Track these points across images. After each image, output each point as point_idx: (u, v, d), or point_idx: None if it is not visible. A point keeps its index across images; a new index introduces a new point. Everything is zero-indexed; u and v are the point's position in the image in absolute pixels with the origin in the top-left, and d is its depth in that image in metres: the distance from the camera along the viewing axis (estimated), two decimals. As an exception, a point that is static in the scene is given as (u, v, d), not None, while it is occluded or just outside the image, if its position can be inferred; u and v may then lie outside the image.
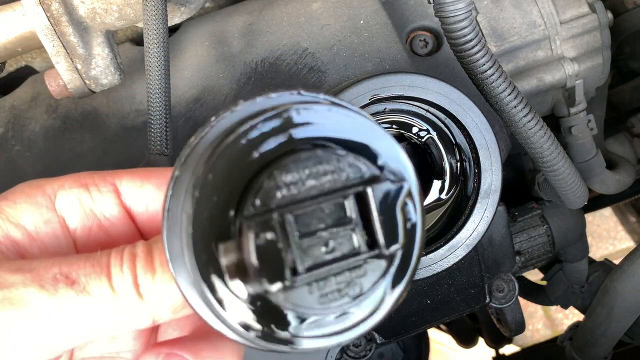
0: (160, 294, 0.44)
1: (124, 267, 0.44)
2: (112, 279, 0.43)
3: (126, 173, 0.51)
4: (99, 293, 0.43)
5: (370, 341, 0.89)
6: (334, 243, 0.35)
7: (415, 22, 0.92)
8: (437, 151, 0.86)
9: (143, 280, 0.43)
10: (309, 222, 0.35)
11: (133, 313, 0.44)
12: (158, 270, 0.44)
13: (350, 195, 0.36)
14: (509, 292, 0.92)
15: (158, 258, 0.44)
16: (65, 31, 0.73)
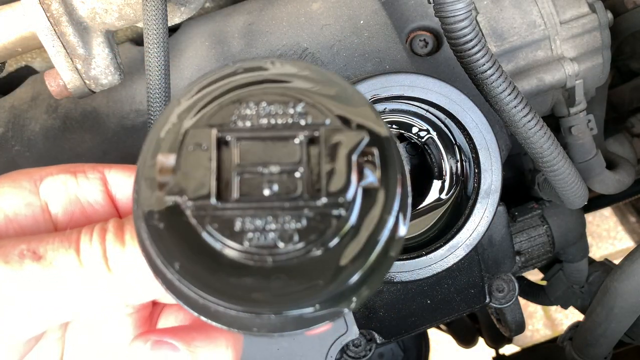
0: (131, 267, 0.42)
1: (92, 240, 0.42)
2: (80, 252, 0.42)
3: (118, 165, 0.51)
4: (65, 266, 0.42)
5: (370, 341, 0.89)
6: (275, 181, 0.33)
7: (415, 22, 0.92)
8: (437, 151, 0.86)
9: (112, 252, 0.42)
10: (254, 154, 0.33)
11: (102, 288, 0.42)
12: (128, 242, 0.42)
13: (301, 136, 0.33)
14: (509, 292, 0.92)
15: (130, 232, 0.42)
16: (65, 31, 0.73)
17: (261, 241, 0.32)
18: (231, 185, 0.33)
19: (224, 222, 0.32)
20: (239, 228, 0.32)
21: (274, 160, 0.33)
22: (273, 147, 0.33)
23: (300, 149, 0.33)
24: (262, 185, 0.33)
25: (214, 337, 0.47)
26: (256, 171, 0.33)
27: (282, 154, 0.33)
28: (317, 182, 0.33)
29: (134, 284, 0.43)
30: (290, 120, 0.34)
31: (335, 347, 0.83)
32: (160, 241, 0.33)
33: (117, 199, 0.50)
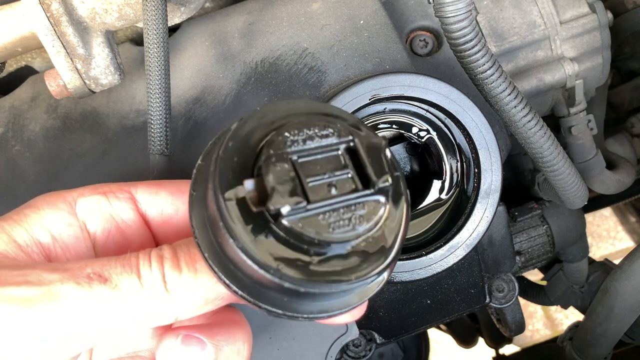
0: (186, 290, 0.48)
1: (152, 266, 0.48)
2: (141, 276, 0.47)
3: (141, 183, 0.56)
4: (130, 289, 0.47)
5: (370, 341, 0.89)
6: (335, 184, 0.42)
7: (415, 22, 0.92)
8: (437, 151, 0.86)
9: (170, 277, 0.48)
10: (313, 169, 0.42)
11: (160, 308, 0.48)
12: (184, 269, 0.48)
13: (341, 147, 0.43)
14: (509, 292, 0.92)
15: (183, 259, 0.48)
16: (65, 31, 0.73)
17: (343, 228, 0.41)
18: (308, 193, 0.41)
19: (312, 220, 0.41)
20: (324, 222, 0.41)
21: (330, 169, 0.42)
22: (322, 160, 0.43)
23: (344, 157, 0.43)
24: (328, 188, 0.42)
25: (234, 333, 0.54)
26: (321, 179, 0.42)
27: (333, 163, 0.43)
28: (364, 177, 0.43)
29: (188, 306, 0.49)
30: (325, 139, 0.43)
31: (335, 347, 0.83)
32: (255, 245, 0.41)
33: (148, 215, 0.56)
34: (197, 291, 0.48)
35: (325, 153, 0.43)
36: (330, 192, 0.41)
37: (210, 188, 0.42)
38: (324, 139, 0.43)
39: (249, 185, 0.41)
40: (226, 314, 0.57)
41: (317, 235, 0.41)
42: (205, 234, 0.44)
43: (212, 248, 0.44)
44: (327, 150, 0.43)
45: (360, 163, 0.43)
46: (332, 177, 0.42)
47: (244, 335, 0.55)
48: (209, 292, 0.49)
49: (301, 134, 0.43)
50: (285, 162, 0.41)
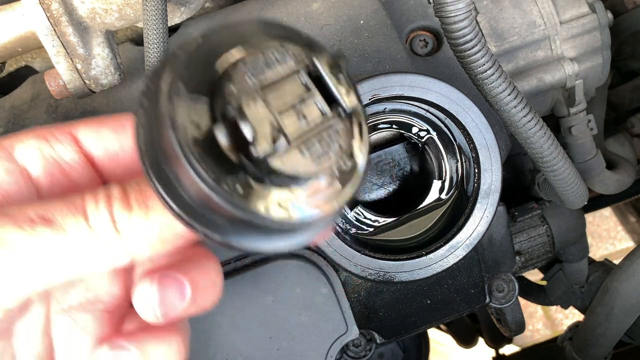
0: (138, 230, 0.45)
1: (99, 205, 0.45)
2: (88, 217, 0.45)
3: (81, 122, 0.53)
4: (77, 231, 0.44)
5: (370, 341, 0.89)
6: (305, 113, 0.41)
7: (415, 22, 0.92)
8: (437, 151, 0.86)
9: (120, 217, 0.45)
10: (281, 101, 0.40)
11: (111, 249, 0.45)
12: (134, 207, 0.45)
13: (302, 70, 0.42)
14: (509, 292, 0.92)
15: (133, 196, 0.46)
16: (65, 31, 0.73)
17: (322, 158, 0.41)
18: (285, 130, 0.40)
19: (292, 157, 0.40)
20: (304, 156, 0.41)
21: (296, 97, 0.41)
22: (287, 88, 0.41)
23: (307, 82, 0.42)
24: (296, 117, 0.41)
25: (206, 266, 0.52)
26: (289, 109, 0.40)
27: (298, 90, 0.41)
28: (332, 100, 0.42)
29: (142, 246, 0.46)
30: (281, 64, 0.41)
31: (335, 347, 0.83)
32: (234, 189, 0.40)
33: (93, 155, 0.53)
34: (151, 230, 0.45)
35: (288, 79, 0.41)
36: (303, 123, 0.41)
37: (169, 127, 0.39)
38: (283, 64, 0.42)
39: (221, 133, 0.39)
40: (196, 248, 0.55)
41: (301, 172, 0.41)
42: (159, 171, 0.41)
43: (169, 184, 0.41)
44: (289, 77, 0.41)
45: (325, 86, 0.42)
46: (301, 107, 0.41)
47: (217, 268, 0.53)
48: (164, 230, 0.46)
49: (259, 63, 0.41)
50: (254, 100, 0.40)
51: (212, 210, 0.41)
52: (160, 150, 0.41)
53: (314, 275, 0.82)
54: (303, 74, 0.42)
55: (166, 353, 0.52)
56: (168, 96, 0.40)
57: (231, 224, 0.42)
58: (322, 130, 0.41)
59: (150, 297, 0.48)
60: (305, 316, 0.82)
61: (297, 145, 0.40)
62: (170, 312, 0.49)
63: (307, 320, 0.82)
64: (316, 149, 0.41)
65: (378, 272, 0.80)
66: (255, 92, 0.40)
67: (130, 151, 0.54)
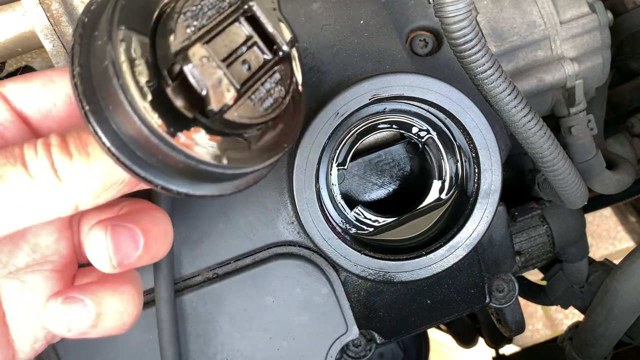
0: (80, 176, 0.45)
1: (38, 154, 0.44)
2: (27, 165, 0.44)
3: (8, 80, 0.52)
4: (16, 180, 0.44)
5: (370, 341, 0.89)
6: (248, 59, 0.41)
7: (415, 22, 0.92)
8: (437, 151, 0.86)
9: (60, 164, 0.44)
10: (224, 49, 0.41)
11: (54, 197, 0.45)
12: (74, 154, 0.45)
13: (240, 16, 0.42)
14: (509, 292, 0.92)
15: (73, 144, 0.45)
16: (65, 31, 0.73)
17: (267, 103, 0.42)
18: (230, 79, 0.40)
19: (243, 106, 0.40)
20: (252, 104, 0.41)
21: (237, 43, 0.41)
22: (229, 34, 0.41)
23: (244, 26, 0.42)
24: (242, 65, 0.41)
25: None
26: (234, 58, 0.41)
27: (238, 35, 0.41)
28: (271, 43, 0.42)
29: (85, 194, 0.46)
30: (217, 9, 0.41)
31: (335, 347, 0.83)
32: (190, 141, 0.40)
33: (24, 113, 0.52)
34: (92, 176, 0.45)
35: (227, 25, 0.41)
36: (246, 70, 0.41)
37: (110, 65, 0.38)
38: (220, 8, 0.41)
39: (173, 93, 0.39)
40: (144, 202, 0.55)
41: (253, 119, 0.41)
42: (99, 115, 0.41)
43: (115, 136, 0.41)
44: (227, 21, 0.41)
45: (263, 29, 0.42)
46: (243, 53, 0.41)
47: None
48: (106, 176, 0.45)
49: (197, 9, 0.41)
50: (200, 56, 0.39)
51: (161, 160, 0.41)
52: (103, 96, 0.40)
53: (314, 275, 0.82)
54: (241, 17, 0.42)
55: (120, 303, 0.51)
56: (109, 31, 0.39)
57: (181, 172, 0.42)
58: (264, 74, 0.42)
59: (104, 246, 0.48)
60: (305, 316, 0.82)
61: (245, 94, 0.41)
62: (124, 260, 0.48)
63: (307, 320, 0.82)
64: (262, 95, 0.42)
65: (378, 272, 0.80)
66: (199, 45, 0.40)
67: (63, 106, 0.53)
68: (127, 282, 0.53)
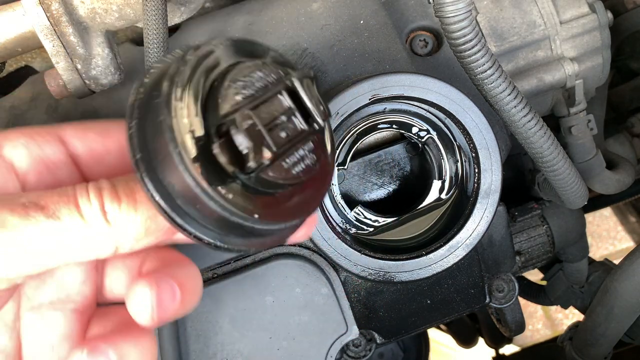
0: (126, 220, 0.47)
1: (90, 197, 0.47)
2: (80, 207, 0.47)
3: (68, 124, 0.55)
4: (69, 218, 0.46)
5: (370, 341, 0.89)
6: (286, 127, 0.45)
7: (415, 22, 0.92)
8: (437, 151, 0.86)
9: (110, 208, 0.47)
10: (266, 116, 0.45)
11: (100, 239, 0.47)
12: (123, 199, 0.48)
13: (282, 90, 0.46)
14: (509, 292, 0.92)
15: (122, 190, 0.48)
16: (65, 31, 0.73)
17: (301, 166, 0.46)
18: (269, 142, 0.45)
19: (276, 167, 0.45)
20: (287, 166, 0.46)
21: (279, 113, 0.45)
22: (272, 104, 0.45)
23: (286, 99, 0.46)
24: (280, 132, 0.45)
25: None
26: (274, 124, 0.45)
27: (280, 106, 0.46)
28: (308, 116, 0.47)
29: (128, 237, 0.48)
30: (264, 82, 0.46)
31: (335, 347, 0.83)
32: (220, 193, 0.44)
33: (78, 156, 0.55)
34: (138, 221, 0.48)
35: (271, 96, 0.46)
36: (284, 137, 0.45)
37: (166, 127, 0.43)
38: (266, 82, 0.46)
39: (218, 148, 0.44)
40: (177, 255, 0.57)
41: (285, 180, 0.45)
42: (150, 168, 0.45)
43: (158, 181, 0.45)
44: (272, 93, 0.46)
45: (301, 102, 0.46)
46: (283, 121, 0.46)
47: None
48: (150, 222, 0.48)
49: (247, 80, 0.45)
50: (246, 118, 0.44)
51: (199, 209, 0.45)
52: (154, 148, 0.44)
53: (314, 275, 0.82)
54: (284, 91, 0.46)
55: (141, 355, 0.53)
56: (167, 99, 0.43)
57: (215, 223, 0.46)
58: (299, 142, 0.46)
59: (148, 302, 0.49)
60: (305, 316, 0.82)
61: (280, 157, 0.45)
62: (163, 314, 0.50)
63: (307, 320, 0.83)
64: (296, 160, 0.46)
65: (378, 272, 0.80)
66: (246, 110, 0.44)
67: (115, 156, 0.56)
68: (148, 332, 0.55)
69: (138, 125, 0.45)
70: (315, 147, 0.48)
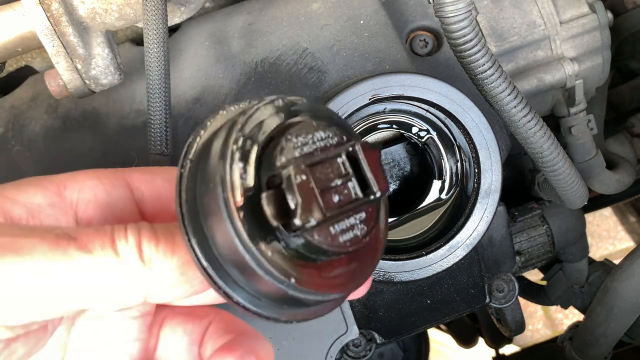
0: (162, 262, 0.45)
1: (128, 234, 0.45)
2: (115, 242, 0.44)
3: (137, 169, 0.53)
4: (102, 253, 0.43)
5: (370, 341, 0.89)
6: (340, 192, 0.43)
7: (415, 22, 0.92)
8: (437, 151, 0.86)
9: (147, 247, 0.45)
10: (321, 177, 0.43)
11: (134, 279, 0.44)
12: (161, 241, 0.45)
13: (342, 152, 0.44)
14: (509, 292, 0.92)
15: (161, 233, 0.46)
16: (65, 31, 0.73)
17: (348, 235, 0.43)
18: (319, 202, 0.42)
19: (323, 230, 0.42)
20: (334, 232, 0.43)
21: (335, 176, 0.44)
22: (328, 167, 0.44)
23: (345, 164, 0.44)
24: (333, 196, 0.43)
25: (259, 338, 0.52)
26: (328, 187, 0.43)
27: (336, 170, 0.44)
28: (365, 185, 0.44)
29: (163, 281, 0.45)
30: (325, 143, 0.44)
31: (335, 347, 0.83)
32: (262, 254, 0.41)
33: (144, 202, 0.52)
34: (174, 264, 0.45)
35: (330, 159, 0.44)
36: (336, 201, 0.43)
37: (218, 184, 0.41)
38: (327, 144, 0.44)
39: (267, 200, 0.41)
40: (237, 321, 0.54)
41: (330, 246, 0.42)
42: (195, 222, 0.43)
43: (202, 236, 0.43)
44: (331, 156, 0.44)
45: (360, 169, 0.44)
46: (338, 186, 0.43)
47: (268, 342, 0.53)
48: (185, 268, 0.45)
49: (307, 138, 0.43)
50: (300, 173, 0.42)
51: (234, 263, 0.42)
52: (202, 203, 0.43)
53: (314, 275, 0.82)
54: (344, 155, 0.44)
55: None
56: (221, 156, 0.42)
57: (255, 287, 0.44)
58: (351, 210, 0.44)
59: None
60: (305, 316, 0.82)
61: (329, 221, 0.43)
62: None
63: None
64: (344, 228, 0.43)
65: (378, 272, 0.80)
66: (302, 165, 0.42)
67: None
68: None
69: (191, 172, 0.44)
70: (368, 218, 0.45)
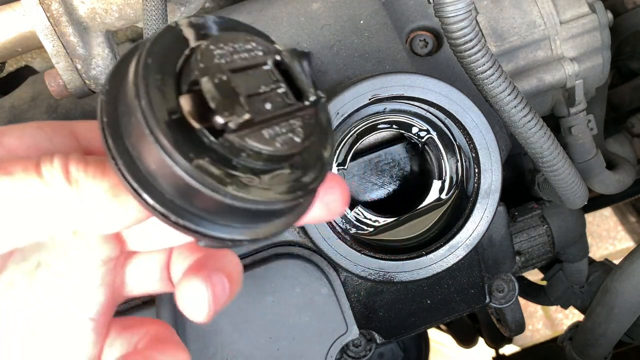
0: (92, 183, 0.42)
1: (54, 159, 0.43)
2: (39, 165, 0.42)
3: (81, 121, 0.51)
4: (23, 174, 0.41)
5: (370, 341, 0.89)
6: (270, 98, 0.41)
7: (415, 22, 0.92)
8: (437, 151, 0.86)
9: (74, 168, 0.42)
10: (248, 83, 0.41)
11: (58, 199, 0.42)
12: (91, 164, 0.43)
13: (269, 62, 0.42)
14: (509, 292, 0.92)
15: (92, 159, 0.43)
16: (65, 31, 0.73)
17: (285, 141, 0.41)
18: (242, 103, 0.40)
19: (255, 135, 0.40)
20: (268, 137, 0.40)
21: (262, 83, 0.42)
22: (254, 75, 0.42)
23: (274, 71, 0.42)
24: (265, 104, 0.41)
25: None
26: (256, 92, 0.41)
27: (263, 78, 0.42)
28: (298, 92, 0.42)
29: (97, 197, 0.43)
30: (249, 54, 0.42)
31: (335, 347, 0.83)
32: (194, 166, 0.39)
33: (92, 152, 0.50)
34: (106, 185, 0.42)
35: (256, 68, 0.42)
36: (268, 108, 0.41)
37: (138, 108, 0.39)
38: (252, 54, 0.42)
39: (185, 100, 0.39)
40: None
41: (265, 150, 0.40)
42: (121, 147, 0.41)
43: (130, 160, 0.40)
44: (257, 65, 0.42)
45: (291, 76, 0.42)
46: (267, 93, 0.41)
47: (236, 257, 0.51)
48: (118, 188, 0.43)
49: (229, 50, 0.41)
50: (221, 75, 0.40)
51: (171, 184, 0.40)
52: (124, 123, 0.40)
53: (314, 275, 0.82)
54: (270, 63, 0.42)
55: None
56: (135, 72, 0.39)
57: (190, 202, 0.41)
58: (287, 117, 0.41)
59: (204, 298, 0.47)
60: (305, 316, 0.82)
61: (261, 127, 0.40)
62: (217, 309, 0.47)
63: (307, 320, 0.83)
64: (282, 134, 0.41)
65: (378, 272, 0.80)
66: (223, 71, 0.40)
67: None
68: (181, 346, 0.52)
69: (110, 97, 0.41)
70: (305, 124, 0.42)
